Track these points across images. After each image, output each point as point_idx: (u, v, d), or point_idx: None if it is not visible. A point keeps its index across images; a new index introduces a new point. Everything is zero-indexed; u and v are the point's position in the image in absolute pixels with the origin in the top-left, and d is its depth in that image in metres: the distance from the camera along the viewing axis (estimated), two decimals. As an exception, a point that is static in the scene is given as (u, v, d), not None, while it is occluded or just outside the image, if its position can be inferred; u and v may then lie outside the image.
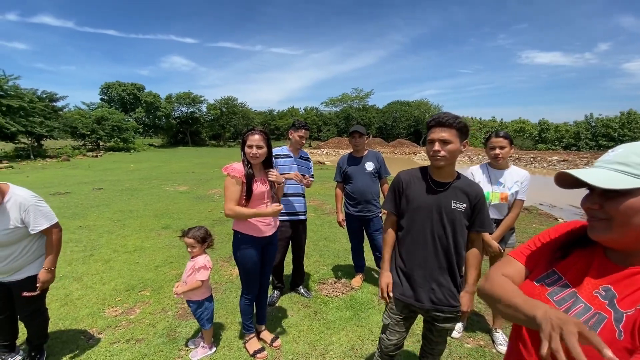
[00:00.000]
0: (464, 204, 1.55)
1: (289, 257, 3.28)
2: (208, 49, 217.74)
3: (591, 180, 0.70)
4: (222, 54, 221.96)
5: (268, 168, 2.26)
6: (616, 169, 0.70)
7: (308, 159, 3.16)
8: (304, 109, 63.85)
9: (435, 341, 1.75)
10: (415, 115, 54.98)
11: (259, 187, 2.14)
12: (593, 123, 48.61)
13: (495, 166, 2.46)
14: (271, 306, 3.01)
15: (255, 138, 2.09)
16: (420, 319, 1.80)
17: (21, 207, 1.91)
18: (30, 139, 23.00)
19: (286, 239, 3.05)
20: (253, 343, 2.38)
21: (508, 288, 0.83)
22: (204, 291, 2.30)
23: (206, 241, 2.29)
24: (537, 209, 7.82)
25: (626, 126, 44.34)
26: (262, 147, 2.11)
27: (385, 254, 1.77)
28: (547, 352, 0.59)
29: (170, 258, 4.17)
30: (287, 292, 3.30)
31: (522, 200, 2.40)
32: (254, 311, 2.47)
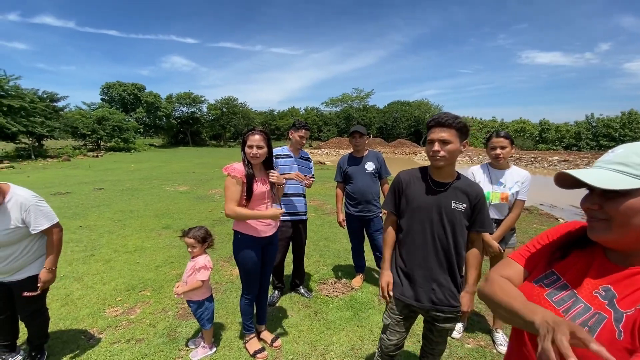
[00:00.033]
0: (464, 204, 1.55)
1: (290, 257, 3.28)
2: (208, 49, 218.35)
3: (591, 180, 0.70)
4: (223, 54, 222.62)
5: (269, 168, 2.26)
6: (616, 170, 0.70)
7: (309, 159, 3.16)
8: (305, 109, 63.86)
9: (435, 341, 1.75)
10: (415, 115, 54.97)
11: (260, 187, 2.14)
12: (594, 123, 48.53)
13: (496, 166, 2.45)
14: (271, 306, 3.01)
15: (255, 138, 2.09)
16: (420, 319, 1.80)
17: (22, 207, 1.92)
18: (31, 139, 23.05)
19: (286, 239, 3.05)
20: (253, 343, 2.38)
21: (507, 291, 0.83)
22: (205, 291, 2.30)
23: (206, 241, 2.30)
24: (538, 209, 7.81)
25: (627, 126, 44.26)
26: (263, 147, 2.10)
27: (385, 254, 1.77)
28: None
29: (170, 258, 4.18)
30: (288, 292, 3.30)
31: (523, 200, 2.39)
32: (254, 311, 2.47)
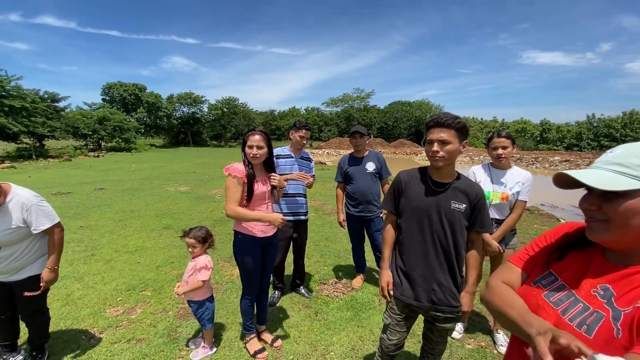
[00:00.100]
0: (464, 204, 1.55)
1: (290, 257, 3.28)
2: (209, 50, 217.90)
3: (589, 181, 0.69)
4: (223, 54, 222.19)
5: (269, 169, 2.26)
6: (615, 170, 0.70)
7: (309, 159, 3.16)
8: (305, 109, 63.96)
9: (435, 341, 1.75)
10: (416, 115, 54.97)
11: (260, 188, 2.14)
12: (595, 123, 48.40)
13: (497, 166, 2.45)
14: (272, 306, 3.01)
15: (255, 138, 2.09)
16: (421, 319, 1.80)
17: (23, 207, 1.92)
18: (32, 139, 23.11)
19: (287, 239, 3.05)
20: (254, 343, 2.38)
21: (506, 300, 0.84)
22: (205, 291, 2.30)
23: (207, 241, 2.30)
24: (539, 210, 7.80)
25: (628, 126, 44.13)
26: (263, 148, 2.10)
27: (385, 253, 1.77)
28: None
29: (171, 258, 4.18)
30: (288, 293, 3.30)
31: (524, 201, 2.39)
32: (255, 311, 2.47)
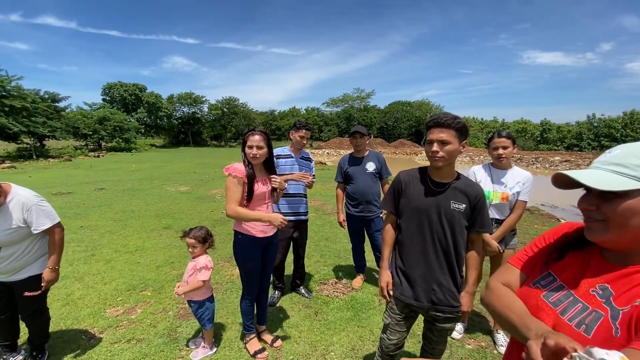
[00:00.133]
0: (463, 204, 1.54)
1: (290, 258, 3.28)
2: (209, 50, 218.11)
3: (587, 181, 0.69)
4: (224, 55, 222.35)
5: (270, 170, 2.26)
6: (613, 170, 0.70)
7: (309, 159, 3.16)
8: (306, 109, 63.96)
9: (435, 341, 1.74)
10: (416, 115, 55.01)
11: (260, 188, 2.14)
12: (595, 123, 48.42)
13: (498, 166, 2.45)
14: (272, 306, 3.01)
15: (255, 138, 2.09)
16: (420, 319, 1.80)
17: (24, 207, 1.92)
18: (32, 139, 23.12)
19: (287, 239, 3.05)
20: (254, 343, 2.38)
21: (506, 302, 0.85)
22: (205, 291, 2.30)
23: (207, 241, 2.30)
24: (539, 210, 7.80)
25: (629, 126, 44.15)
26: (262, 148, 2.10)
27: (384, 253, 1.77)
28: None
29: (171, 258, 4.18)
30: (288, 293, 3.30)
31: (525, 201, 2.38)
32: (255, 311, 2.47)
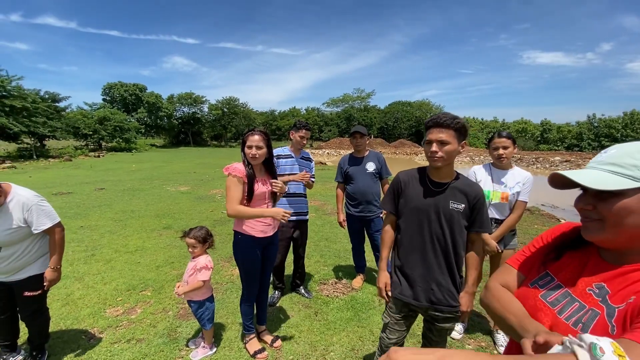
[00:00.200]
0: (463, 204, 1.54)
1: (290, 258, 3.28)
2: (210, 50, 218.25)
3: (583, 181, 0.70)
4: (224, 55, 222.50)
5: (270, 171, 2.26)
6: (609, 170, 0.70)
7: (310, 160, 3.16)
8: (306, 109, 63.94)
9: (435, 341, 1.74)
10: (416, 115, 54.98)
11: (260, 188, 2.14)
12: (595, 123, 48.38)
13: (498, 166, 2.45)
14: (272, 306, 3.01)
15: (254, 139, 2.09)
16: (420, 319, 1.80)
17: (24, 207, 1.92)
18: (33, 139, 23.12)
19: (287, 239, 3.05)
20: (253, 343, 2.38)
21: (505, 304, 0.85)
22: (205, 291, 2.30)
23: (207, 241, 2.30)
24: (539, 210, 7.80)
25: (629, 126, 44.11)
26: (262, 148, 2.10)
27: (383, 253, 1.77)
28: None
29: (171, 258, 4.18)
30: (288, 293, 3.30)
31: (525, 202, 2.38)
32: (255, 311, 2.47)
